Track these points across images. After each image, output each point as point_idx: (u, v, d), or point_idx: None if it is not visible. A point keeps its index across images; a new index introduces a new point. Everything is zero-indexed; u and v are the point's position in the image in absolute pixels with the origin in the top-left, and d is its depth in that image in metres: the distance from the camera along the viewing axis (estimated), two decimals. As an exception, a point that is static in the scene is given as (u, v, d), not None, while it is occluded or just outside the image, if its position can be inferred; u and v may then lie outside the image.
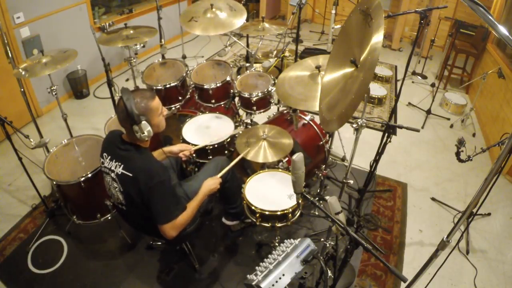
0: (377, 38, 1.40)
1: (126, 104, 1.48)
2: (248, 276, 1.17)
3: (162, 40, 3.75)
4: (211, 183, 1.83)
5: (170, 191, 1.60)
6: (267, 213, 1.86)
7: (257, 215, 1.90)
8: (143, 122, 1.51)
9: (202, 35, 5.75)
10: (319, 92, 1.93)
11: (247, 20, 2.89)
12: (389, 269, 1.07)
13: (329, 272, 1.64)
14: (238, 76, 2.71)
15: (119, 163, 1.58)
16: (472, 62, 4.42)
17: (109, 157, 1.63)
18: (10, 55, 2.41)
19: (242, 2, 4.16)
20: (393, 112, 2.75)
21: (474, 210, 1.67)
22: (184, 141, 2.29)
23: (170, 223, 1.56)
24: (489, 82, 3.74)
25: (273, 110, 2.76)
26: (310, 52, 4.88)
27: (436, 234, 2.51)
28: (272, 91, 2.53)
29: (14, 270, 2.18)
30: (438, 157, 3.29)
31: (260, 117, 2.83)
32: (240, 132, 2.29)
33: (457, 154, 2.19)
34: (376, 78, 4.45)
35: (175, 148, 1.99)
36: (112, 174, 1.61)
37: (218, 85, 2.54)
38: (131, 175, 1.54)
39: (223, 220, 2.35)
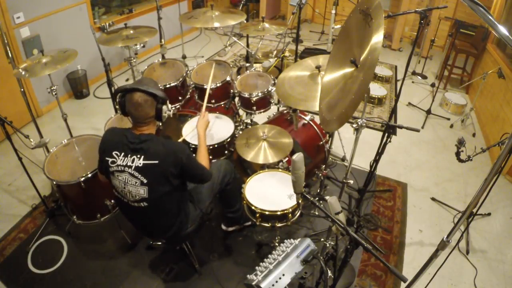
0: (377, 38, 1.40)
1: (149, 90, 1.57)
2: (248, 276, 1.16)
3: (162, 40, 3.76)
4: (202, 122, 2.03)
5: (193, 156, 1.73)
6: (267, 213, 1.86)
7: (257, 215, 1.90)
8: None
9: (202, 35, 5.77)
10: (319, 92, 1.92)
11: (247, 20, 2.89)
12: (389, 269, 1.07)
13: (329, 272, 1.65)
14: (238, 76, 2.71)
15: (138, 156, 1.58)
16: (472, 62, 4.42)
17: (122, 153, 1.61)
18: (10, 55, 2.41)
19: (242, 2, 4.17)
20: (393, 112, 2.75)
21: (474, 210, 1.67)
22: (184, 141, 2.30)
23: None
24: (489, 82, 3.74)
25: (273, 110, 2.76)
26: (310, 52, 4.89)
27: (436, 234, 2.51)
28: (272, 91, 2.53)
29: (14, 270, 2.18)
30: (438, 157, 3.29)
31: (260, 117, 2.83)
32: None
33: (457, 154, 2.19)
34: (376, 78, 4.44)
35: None
36: (130, 170, 1.59)
37: (218, 85, 2.54)
38: (156, 161, 1.57)
39: (222, 226, 2.37)
